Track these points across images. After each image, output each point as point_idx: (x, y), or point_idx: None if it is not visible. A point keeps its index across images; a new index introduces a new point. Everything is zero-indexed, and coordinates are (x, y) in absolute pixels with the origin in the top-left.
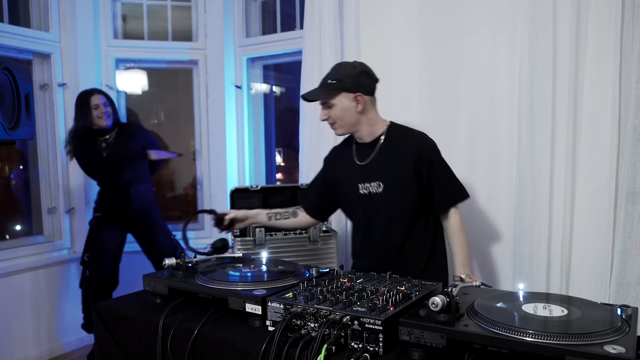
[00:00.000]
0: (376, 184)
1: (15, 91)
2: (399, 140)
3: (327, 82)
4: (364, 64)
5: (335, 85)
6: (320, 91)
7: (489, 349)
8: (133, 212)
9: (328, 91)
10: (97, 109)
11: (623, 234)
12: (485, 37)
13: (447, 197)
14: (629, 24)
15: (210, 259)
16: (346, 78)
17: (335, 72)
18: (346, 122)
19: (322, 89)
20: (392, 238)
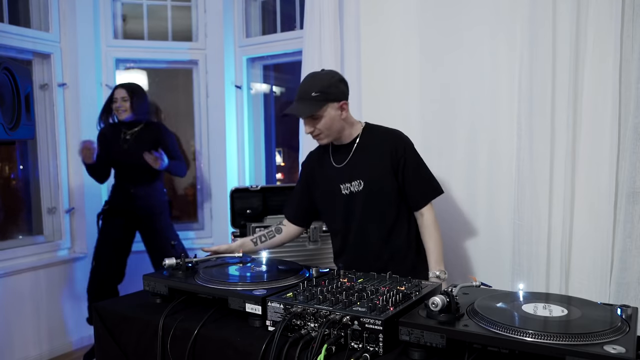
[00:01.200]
0: (357, 182)
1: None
2: (375, 138)
3: (310, 95)
4: (336, 71)
5: (321, 97)
6: (307, 106)
7: (489, 349)
8: (140, 210)
9: (315, 104)
10: (115, 102)
11: (623, 234)
12: (485, 36)
13: (419, 193)
14: (629, 24)
15: (210, 259)
16: (330, 88)
17: (316, 84)
18: (332, 131)
19: (308, 103)
20: (375, 234)
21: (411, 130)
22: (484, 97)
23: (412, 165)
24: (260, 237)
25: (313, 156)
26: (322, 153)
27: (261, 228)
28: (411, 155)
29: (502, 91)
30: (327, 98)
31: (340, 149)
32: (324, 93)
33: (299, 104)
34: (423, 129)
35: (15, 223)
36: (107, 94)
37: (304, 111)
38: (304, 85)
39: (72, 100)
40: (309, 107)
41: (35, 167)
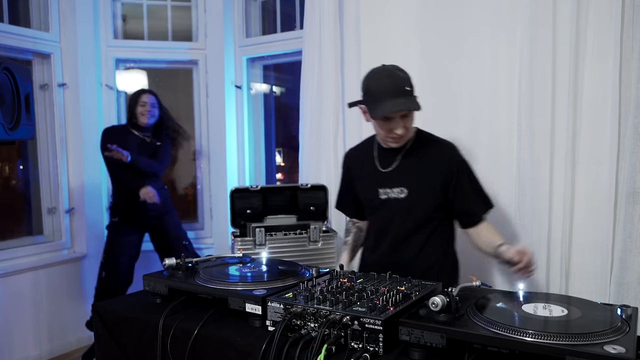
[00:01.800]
0: (399, 189)
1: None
2: (427, 147)
3: (405, 89)
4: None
5: (412, 91)
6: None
7: (489, 349)
8: (148, 212)
9: (415, 99)
10: (143, 106)
11: (623, 234)
12: (485, 36)
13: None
14: (629, 24)
15: (210, 259)
16: (411, 82)
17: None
18: (411, 132)
19: (410, 98)
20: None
21: None
22: (484, 97)
23: (466, 181)
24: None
25: (353, 154)
26: (364, 152)
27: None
28: (466, 170)
29: (502, 91)
30: (414, 92)
31: (388, 152)
32: (412, 87)
33: (400, 99)
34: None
35: (15, 223)
36: (107, 94)
37: (413, 105)
38: (393, 80)
39: (72, 100)
40: (412, 102)
41: (35, 167)
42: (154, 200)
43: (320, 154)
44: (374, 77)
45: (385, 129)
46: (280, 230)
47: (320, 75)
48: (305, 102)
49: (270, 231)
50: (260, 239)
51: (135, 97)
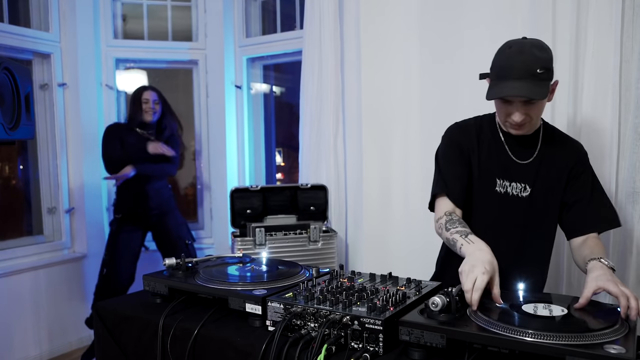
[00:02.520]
0: (521, 186)
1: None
2: (555, 142)
3: (535, 72)
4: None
5: (545, 75)
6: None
7: (489, 349)
8: (152, 210)
9: (543, 85)
10: (146, 103)
11: (623, 234)
12: (485, 36)
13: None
14: (629, 24)
15: (210, 259)
16: (551, 63)
17: (539, 57)
18: (537, 119)
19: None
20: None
21: (411, 129)
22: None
23: (590, 184)
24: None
25: (470, 131)
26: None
27: (261, 228)
28: (591, 174)
29: None
30: (550, 76)
31: (520, 140)
32: (548, 70)
33: (524, 83)
34: (423, 129)
35: (15, 223)
36: (107, 94)
37: (536, 92)
38: (522, 56)
39: (72, 100)
40: (538, 88)
41: (35, 167)
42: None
43: (320, 154)
44: (505, 50)
45: (503, 112)
46: (280, 230)
47: (320, 75)
48: (305, 102)
49: (270, 231)
50: (260, 239)
51: (137, 95)
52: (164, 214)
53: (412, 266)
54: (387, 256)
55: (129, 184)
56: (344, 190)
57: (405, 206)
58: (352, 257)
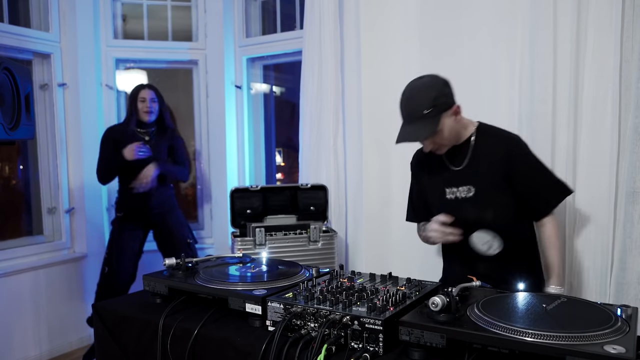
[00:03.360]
0: (466, 188)
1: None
2: (489, 142)
3: (422, 113)
4: (434, 74)
5: (434, 111)
6: (422, 127)
7: (489, 349)
8: (153, 209)
9: (431, 122)
10: (143, 102)
11: (623, 234)
12: (486, 37)
13: (540, 202)
14: (629, 24)
15: (210, 259)
16: (438, 99)
17: (424, 98)
18: (451, 139)
19: (422, 123)
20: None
21: None
22: (484, 97)
23: (529, 172)
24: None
25: (420, 156)
26: (425, 155)
27: (261, 228)
28: (527, 161)
29: (502, 91)
30: (440, 110)
31: (455, 149)
32: (436, 107)
33: (412, 127)
34: None
35: (15, 223)
36: (107, 94)
37: (422, 134)
38: (410, 102)
39: (72, 100)
40: (424, 128)
41: (35, 167)
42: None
43: (320, 154)
44: (401, 97)
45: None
46: (280, 230)
47: (320, 75)
48: (305, 102)
49: (270, 231)
50: (260, 239)
51: (135, 94)
52: (165, 213)
53: (412, 266)
54: (387, 256)
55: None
56: (344, 190)
57: (405, 206)
58: (352, 257)
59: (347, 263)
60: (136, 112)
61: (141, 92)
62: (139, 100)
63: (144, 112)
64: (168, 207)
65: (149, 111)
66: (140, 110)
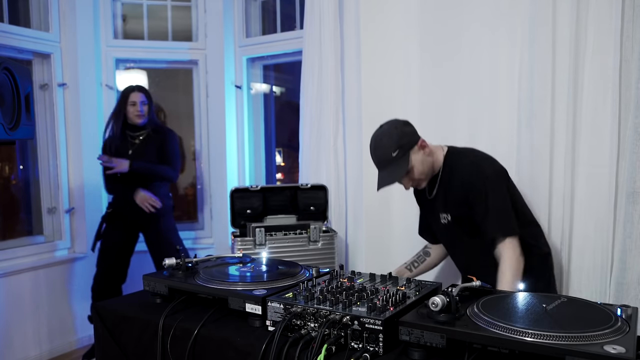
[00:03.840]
0: (446, 215)
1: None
2: (454, 172)
3: (391, 157)
4: (392, 119)
5: (401, 152)
6: (395, 169)
7: (489, 349)
8: (144, 213)
9: (401, 162)
10: (134, 106)
11: (623, 234)
12: (485, 37)
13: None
14: (629, 24)
15: (210, 259)
16: (402, 139)
17: (388, 143)
18: (427, 172)
19: (394, 166)
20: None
21: None
22: (484, 97)
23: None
24: (413, 262)
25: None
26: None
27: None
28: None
29: (502, 91)
30: (406, 149)
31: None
32: (401, 147)
33: (386, 172)
34: (423, 128)
35: (15, 223)
36: (107, 94)
37: (396, 176)
38: (377, 151)
39: (72, 100)
40: (397, 169)
41: (35, 167)
42: (152, 204)
43: (320, 154)
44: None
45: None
46: (280, 230)
47: (320, 75)
48: (305, 102)
49: (270, 231)
50: (260, 239)
51: (124, 97)
52: (158, 217)
53: None
54: (387, 256)
55: (127, 183)
56: (344, 190)
57: (405, 206)
58: (352, 257)
59: (347, 263)
60: (127, 115)
61: (131, 95)
62: (129, 104)
63: (135, 115)
64: (161, 211)
65: (140, 114)
66: (131, 114)
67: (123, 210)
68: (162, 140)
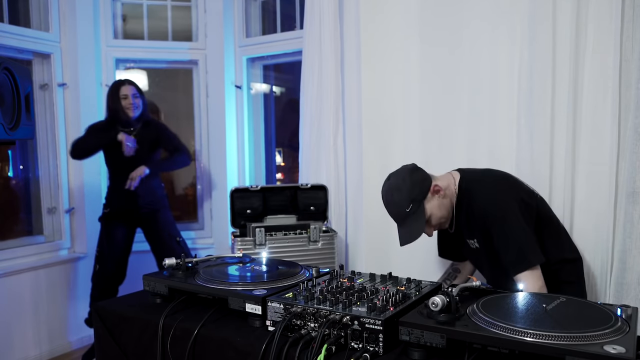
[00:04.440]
0: (473, 241)
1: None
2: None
3: (405, 212)
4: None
5: (415, 206)
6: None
7: (489, 349)
8: (141, 208)
9: (417, 216)
10: (125, 99)
11: (623, 234)
12: (486, 37)
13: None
14: (629, 24)
15: (211, 259)
16: (411, 192)
17: (401, 198)
18: (446, 215)
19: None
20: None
21: (411, 129)
22: (484, 97)
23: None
24: (445, 281)
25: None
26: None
27: (261, 228)
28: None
29: (502, 91)
30: (419, 201)
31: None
32: (414, 200)
33: (405, 228)
34: (423, 128)
35: (15, 223)
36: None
37: (416, 232)
38: (389, 207)
39: (72, 100)
40: (415, 224)
41: (35, 167)
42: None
43: (320, 154)
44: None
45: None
46: (280, 230)
47: (320, 75)
48: (305, 102)
49: (270, 231)
50: (260, 239)
51: (115, 91)
52: (155, 212)
53: (412, 266)
54: (387, 256)
55: (121, 180)
56: (344, 190)
57: None
58: (352, 257)
59: (347, 263)
60: (119, 110)
61: (122, 89)
62: (121, 98)
63: (128, 108)
64: (159, 205)
65: (133, 107)
66: (123, 108)
67: (120, 208)
68: (154, 133)
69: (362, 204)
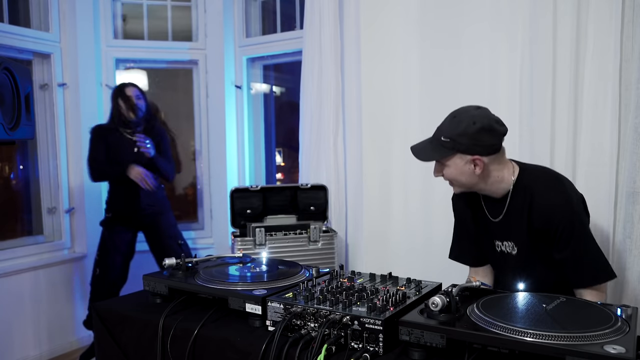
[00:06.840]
0: (510, 244)
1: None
2: (530, 199)
3: (440, 138)
4: (486, 116)
5: (449, 144)
6: (432, 150)
7: (489, 349)
8: (143, 211)
9: (440, 151)
10: (128, 101)
11: (623, 234)
12: (486, 37)
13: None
14: (629, 24)
15: (211, 259)
16: (461, 137)
17: (450, 127)
18: (463, 183)
19: (433, 146)
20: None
21: (411, 129)
22: (484, 98)
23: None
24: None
25: (462, 198)
26: (473, 196)
27: (261, 228)
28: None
29: (502, 92)
30: (454, 147)
31: (490, 200)
32: (453, 141)
33: (426, 145)
34: (423, 128)
35: (15, 223)
36: (108, 94)
37: (427, 155)
38: (443, 124)
39: (72, 100)
40: (431, 151)
41: (35, 167)
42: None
43: (320, 154)
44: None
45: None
46: (280, 230)
47: (320, 75)
48: (305, 102)
49: (270, 231)
50: (260, 239)
51: (118, 93)
52: (157, 214)
53: (412, 266)
54: (387, 256)
55: (122, 183)
56: (344, 190)
57: (405, 206)
58: (352, 257)
59: (347, 263)
60: (122, 111)
61: (125, 90)
62: (125, 100)
63: (131, 110)
64: (161, 208)
65: (136, 109)
66: (126, 110)
67: (122, 211)
68: (156, 137)
69: (362, 204)
